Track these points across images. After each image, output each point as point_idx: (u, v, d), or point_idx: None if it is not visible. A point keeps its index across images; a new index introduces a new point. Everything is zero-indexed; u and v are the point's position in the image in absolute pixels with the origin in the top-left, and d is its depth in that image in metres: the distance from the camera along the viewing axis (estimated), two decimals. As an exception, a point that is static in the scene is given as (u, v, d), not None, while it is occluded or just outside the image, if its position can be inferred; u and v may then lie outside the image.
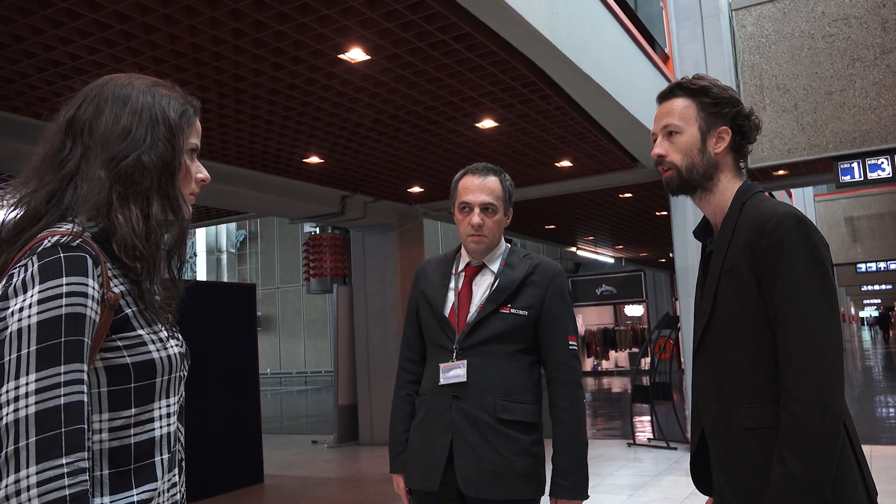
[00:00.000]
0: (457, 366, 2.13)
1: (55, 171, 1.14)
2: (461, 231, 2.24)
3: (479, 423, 2.09)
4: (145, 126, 1.15)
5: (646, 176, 8.10)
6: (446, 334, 2.19)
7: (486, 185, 2.21)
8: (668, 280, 22.65)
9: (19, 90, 4.58)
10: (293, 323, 26.52)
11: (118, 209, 1.11)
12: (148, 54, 4.17)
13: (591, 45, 5.02)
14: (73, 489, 0.94)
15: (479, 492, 2.06)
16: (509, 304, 2.16)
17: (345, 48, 4.31)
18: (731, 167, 1.63)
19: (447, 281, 2.27)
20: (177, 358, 1.16)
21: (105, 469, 1.06)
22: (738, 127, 1.61)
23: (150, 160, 1.14)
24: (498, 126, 6.11)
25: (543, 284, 2.20)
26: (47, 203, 1.11)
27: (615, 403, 13.79)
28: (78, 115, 1.16)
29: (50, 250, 1.03)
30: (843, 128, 7.09)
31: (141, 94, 1.18)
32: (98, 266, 1.06)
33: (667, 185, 1.66)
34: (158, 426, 1.13)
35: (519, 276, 2.19)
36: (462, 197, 2.22)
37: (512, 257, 2.26)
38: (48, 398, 0.96)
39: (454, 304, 2.21)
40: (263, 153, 6.45)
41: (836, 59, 7.15)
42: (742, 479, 1.47)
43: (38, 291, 1.00)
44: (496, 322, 2.15)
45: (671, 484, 5.96)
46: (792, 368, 1.39)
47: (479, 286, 2.23)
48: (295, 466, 7.95)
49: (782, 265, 1.42)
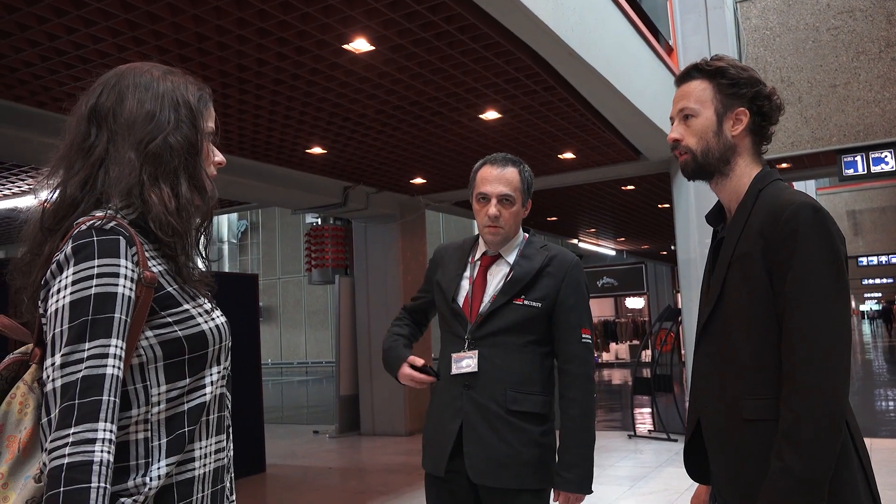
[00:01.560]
0: (468, 356, 2.14)
1: (84, 157, 1.17)
2: (478, 221, 2.24)
3: (489, 412, 2.10)
4: (168, 109, 1.20)
5: (649, 168, 8.10)
6: (459, 323, 2.20)
7: (504, 176, 2.20)
8: (669, 272, 22.67)
9: (22, 79, 4.57)
10: (294, 313, 26.57)
11: (150, 189, 1.15)
12: (152, 44, 4.17)
13: (595, 37, 5.01)
14: (72, 458, 0.97)
15: (486, 479, 2.08)
16: (523, 295, 2.15)
17: (349, 38, 4.30)
18: (749, 151, 1.57)
19: (462, 270, 2.26)
20: (224, 327, 1.22)
21: (163, 438, 1.12)
22: (758, 108, 1.56)
23: (177, 141, 1.19)
24: (501, 117, 6.10)
25: (559, 276, 2.18)
26: (82, 189, 1.15)
27: (615, 395, 13.82)
28: (100, 103, 1.19)
29: (84, 233, 1.08)
30: (846, 121, 7.07)
31: (159, 80, 1.23)
32: (133, 247, 1.10)
33: (682, 170, 1.62)
34: (209, 392, 1.18)
35: (534, 268, 2.18)
36: (480, 188, 2.21)
37: (528, 248, 2.24)
38: (70, 373, 1.01)
39: (468, 294, 2.22)
40: (266, 143, 6.45)
41: (840, 51, 7.13)
42: (739, 472, 1.45)
43: (73, 273, 1.06)
44: (509, 313, 2.14)
45: (671, 475, 5.98)
46: (796, 362, 1.35)
47: (494, 276, 2.22)
48: (297, 456, 7.98)
49: (796, 256, 1.37)
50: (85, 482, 0.96)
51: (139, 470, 1.08)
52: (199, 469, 1.16)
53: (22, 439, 1.09)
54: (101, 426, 1.00)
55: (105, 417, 1.01)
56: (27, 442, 1.09)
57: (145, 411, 1.10)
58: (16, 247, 1.38)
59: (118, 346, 1.05)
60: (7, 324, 1.18)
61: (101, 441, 0.99)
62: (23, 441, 1.09)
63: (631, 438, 7.91)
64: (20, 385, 1.12)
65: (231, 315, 1.32)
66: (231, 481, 1.26)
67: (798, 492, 1.31)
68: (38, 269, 1.13)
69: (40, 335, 1.11)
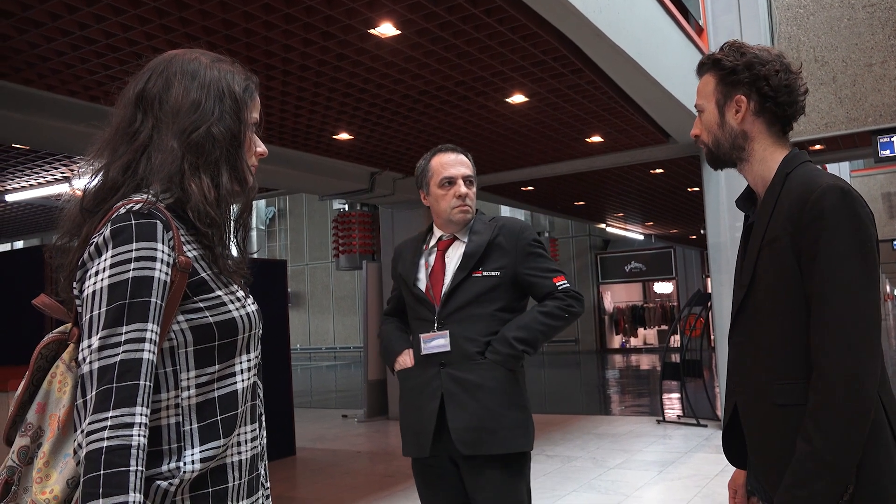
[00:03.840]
0: (438, 335, 2.24)
1: (128, 142, 1.18)
2: (443, 206, 2.33)
3: (468, 384, 2.20)
4: (213, 99, 1.20)
5: (678, 151, 7.98)
6: (425, 307, 2.30)
7: (462, 160, 2.36)
8: (698, 257, 22.41)
9: (55, 68, 4.63)
10: (322, 299, 26.76)
11: (190, 178, 1.16)
12: (180, 31, 4.20)
13: (623, 18, 4.94)
14: (112, 441, 0.98)
15: (476, 448, 2.16)
16: (480, 267, 2.27)
17: (375, 23, 4.29)
18: (765, 133, 1.56)
19: (418, 258, 2.39)
20: (255, 315, 1.22)
21: (194, 423, 1.12)
22: (759, 90, 1.54)
23: (220, 132, 1.19)
24: (528, 101, 6.05)
25: (511, 244, 2.30)
26: (124, 173, 1.16)
27: (643, 381, 13.74)
28: (147, 89, 1.20)
29: (123, 216, 1.09)
30: (883, 101, 6.90)
31: (207, 68, 1.23)
32: (169, 231, 1.11)
33: (707, 162, 1.69)
34: (240, 380, 1.19)
35: (485, 240, 2.29)
36: (443, 173, 2.33)
37: (477, 224, 2.36)
38: (107, 356, 1.02)
39: (428, 278, 2.33)
40: (294, 130, 6.48)
41: (876, 29, 6.94)
42: (772, 455, 1.45)
43: (111, 256, 1.06)
44: (470, 286, 2.26)
45: (701, 461, 5.94)
46: (825, 346, 1.35)
47: (452, 258, 2.34)
48: (326, 440, 8.07)
49: (823, 239, 1.37)
50: (124, 465, 0.98)
51: (172, 454, 1.09)
52: (234, 457, 1.17)
53: (61, 417, 1.11)
54: (137, 410, 1.01)
55: (141, 402, 1.02)
56: (65, 420, 1.11)
57: (175, 395, 1.11)
58: (52, 234, 1.39)
59: (154, 331, 1.06)
60: (48, 303, 1.19)
61: (139, 425, 1.01)
62: (62, 419, 1.11)
63: (660, 424, 7.86)
64: (59, 364, 1.15)
65: (261, 301, 1.32)
66: (265, 469, 1.27)
67: (821, 475, 1.32)
68: (76, 249, 1.15)
69: (77, 314, 1.13)
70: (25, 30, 4.05)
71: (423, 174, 2.39)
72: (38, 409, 1.12)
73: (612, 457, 6.26)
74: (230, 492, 1.15)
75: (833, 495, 1.32)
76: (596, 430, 7.70)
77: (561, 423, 8.17)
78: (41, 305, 1.19)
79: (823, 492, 1.32)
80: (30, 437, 1.11)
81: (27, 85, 4.92)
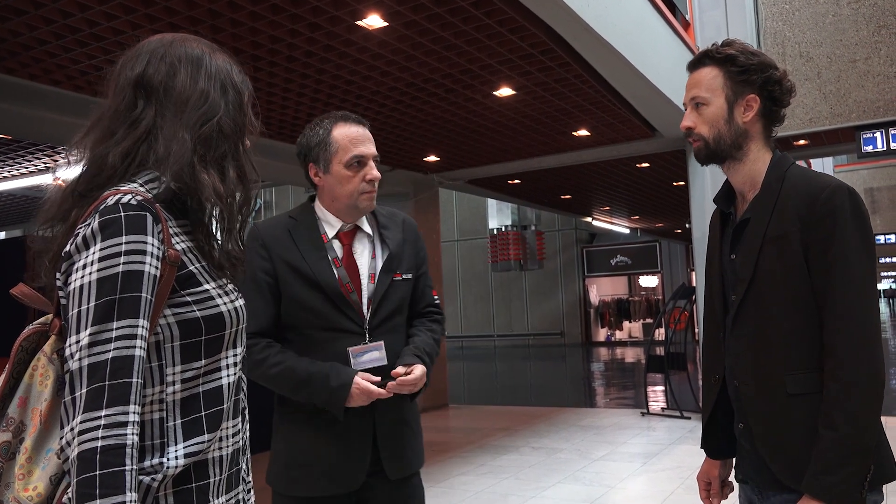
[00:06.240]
0: (373, 348, 1.90)
1: (129, 128, 1.14)
2: (348, 190, 1.93)
3: (400, 401, 1.92)
4: (219, 90, 1.18)
5: (664, 145, 8.02)
6: (347, 316, 1.89)
7: (370, 136, 1.98)
8: (683, 251, 22.55)
9: (37, 57, 4.58)
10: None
11: (200, 170, 1.13)
12: (165, 20, 4.15)
13: (611, 12, 4.94)
14: (106, 441, 0.96)
15: (407, 470, 1.94)
16: (398, 269, 1.97)
17: (362, 14, 4.27)
18: (761, 135, 1.61)
19: (322, 252, 1.93)
20: (241, 310, 1.19)
21: (178, 419, 1.10)
22: (769, 93, 1.59)
23: (228, 124, 1.18)
24: (515, 94, 6.05)
25: (413, 241, 2.05)
26: (123, 160, 1.12)
27: (628, 373, 13.83)
28: (149, 74, 1.15)
29: (111, 208, 1.05)
30: (866, 97, 6.96)
31: (210, 56, 1.20)
32: (159, 224, 1.08)
33: (696, 156, 1.67)
34: (225, 375, 1.16)
35: (400, 237, 2.00)
36: (352, 150, 1.93)
37: (381, 216, 2.04)
38: (98, 352, 0.99)
39: (342, 279, 1.90)
40: (280, 121, 6.44)
41: (861, 26, 6.99)
42: (786, 444, 1.49)
43: (100, 249, 1.03)
44: (394, 292, 1.94)
45: (684, 453, 5.99)
46: (839, 337, 1.42)
47: (361, 254, 1.97)
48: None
49: (835, 236, 1.44)
50: (119, 465, 0.96)
51: (155, 450, 1.07)
52: (216, 452, 1.15)
53: (43, 411, 1.08)
54: (131, 409, 0.99)
55: (134, 400, 1.00)
56: (47, 414, 1.08)
57: (160, 390, 1.08)
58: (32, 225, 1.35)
59: (144, 327, 1.03)
60: (27, 292, 1.15)
61: (132, 424, 0.99)
62: (43, 413, 1.08)
63: (644, 416, 7.92)
64: (40, 356, 1.11)
65: (244, 293, 1.29)
66: (248, 463, 1.25)
67: (851, 460, 1.39)
68: (61, 235, 1.11)
69: (59, 305, 1.10)
70: (7, 18, 3.99)
71: (320, 146, 1.95)
72: (19, 404, 1.08)
73: (597, 448, 6.31)
74: (211, 487, 1.13)
75: (862, 478, 1.39)
76: (581, 422, 7.74)
77: (546, 416, 8.21)
78: (20, 295, 1.15)
79: (854, 475, 1.39)
80: (11, 431, 1.07)
81: (10, 74, 4.85)
